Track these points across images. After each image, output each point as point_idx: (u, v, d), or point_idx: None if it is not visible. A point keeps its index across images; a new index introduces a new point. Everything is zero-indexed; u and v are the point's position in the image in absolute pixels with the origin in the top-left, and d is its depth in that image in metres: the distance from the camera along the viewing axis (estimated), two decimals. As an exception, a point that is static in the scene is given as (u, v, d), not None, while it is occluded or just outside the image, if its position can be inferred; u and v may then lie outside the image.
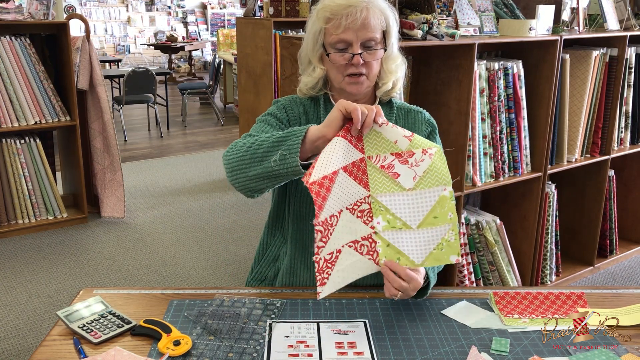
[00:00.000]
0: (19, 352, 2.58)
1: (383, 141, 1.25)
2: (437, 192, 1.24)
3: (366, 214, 1.25)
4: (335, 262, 1.24)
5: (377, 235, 1.26)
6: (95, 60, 3.97)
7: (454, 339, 1.26)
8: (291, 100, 1.55)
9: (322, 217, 1.21)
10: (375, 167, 1.25)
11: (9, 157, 3.75)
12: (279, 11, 4.73)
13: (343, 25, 1.39)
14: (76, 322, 1.26)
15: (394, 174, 1.25)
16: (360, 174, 1.25)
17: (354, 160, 1.24)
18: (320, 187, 1.19)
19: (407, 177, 1.25)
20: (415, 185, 1.24)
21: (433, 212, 1.24)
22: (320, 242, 1.22)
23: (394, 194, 1.25)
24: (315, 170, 1.19)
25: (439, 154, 1.25)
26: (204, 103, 8.92)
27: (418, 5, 2.37)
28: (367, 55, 1.42)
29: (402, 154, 1.25)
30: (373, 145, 1.25)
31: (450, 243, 1.25)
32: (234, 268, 3.44)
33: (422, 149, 1.25)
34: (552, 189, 2.91)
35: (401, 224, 1.25)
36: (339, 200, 1.23)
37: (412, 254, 1.25)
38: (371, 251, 1.26)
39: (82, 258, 3.54)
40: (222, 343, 1.22)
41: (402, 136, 1.25)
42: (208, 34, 13.13)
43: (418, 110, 1.58)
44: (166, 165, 5.62)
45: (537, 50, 2.63)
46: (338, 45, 1.41)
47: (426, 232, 1.25)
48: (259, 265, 1.65)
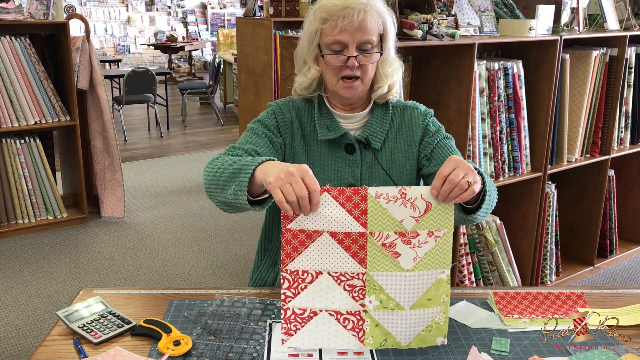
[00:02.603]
0: (19, 352, 2.58)
1: (388, 219, 1.18)
2: (435, 274, 1.20)
3: (357, 290, 1.20)
4: (308, 321, 1.20)
5: (366, 314, 1.21)
6: (95, 60, 3.97)
7: (454, 339, 1.26)
8: (283, 105, 1.53)
9: (291, 267, 1.19)
10: (376, 244, 1.19)
11: (9, 157, 3.75)
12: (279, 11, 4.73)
13: (339, 26, 1.37)
14: (76, 322, 1.26)
15: (395, 253, 1.19)
16: (356, 248, 1.19)
17: (350, 232, 1.18)
18: (293, 237, 1.18)
19: (407, 257, 1.19)
20: (414, 267, 1.19)
21: (427, 294, 1.20)
22: (288, 290, 1.20)
23: (391, 274, 1.20)
24: (296, 220, 1.17)
25: (446, 236, 1.19)
26: (204, 103, 8.92)
27: (418, 5, 2.37)
28: (362, 58, 1.40)
29: (405, 234, 1.19)
30: (377, 221, 1.18)
31: (439, 325, 1.21)
32: (234, 268, 3.44)
33: (429, 230, 1.19)
34: (552, 189, 2.91)
35: (394, 304, 1.20)
36: (317, 261, 1.19)
37: (399, 335, 1.21)
38: (357, 328, 1.21)
39: (82, 258, 3.54)
40: (222, 343, 1.22)
41: (409, 216, 1.18)
42: (208, 34, 13.12)
43: (414, 107, 1.56)
44: (166, 165, 5.62)
45: (537, 50, 2.63)
46: (333, 47, 1.40)
47: (418, 313, 1.20)
48: (258, 271, 1.65)
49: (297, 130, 1.50)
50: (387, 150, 1.51)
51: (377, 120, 1.50)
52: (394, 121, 1.53)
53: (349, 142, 1.48)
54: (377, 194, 1.17)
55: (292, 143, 1.51)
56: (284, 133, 1.50)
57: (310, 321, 1.21)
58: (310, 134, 1.51)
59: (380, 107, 1.53)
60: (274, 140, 1.48)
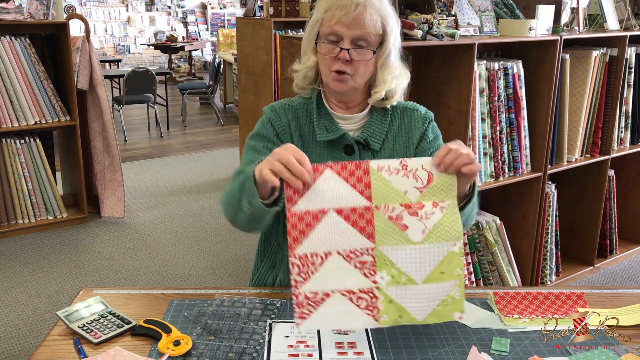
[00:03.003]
0: (19, 352, 2.58)
1: (392, 191, 1.18)
2: (446, 247, 1.17)
3: (368, 266, 1.18)
4: (321, 303, 1.18)
5: (379, 290, 1.18)
6: (95, 60, 3.98)
7: (454, 339, 1.26)
8: (279, 108, 1.53)
9: (299, 251, 1.16)
10: (382, 217, 1.17)
11: (9, 157, 3.75)
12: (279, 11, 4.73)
13: (336, 17, 1.38)
14: (76, 322, 1.26)
15: (403, 225, 1.17)
16: (363, 223, 1.17)
17: (356, 206, 1.17)
18: (299, 220, 1.16)
19: (416, 230, 1.18)
20: (423, 239, 1.17)
21: (440, 267, 1.18)
22: (298, 276, 1.16)
23: (401, 247, 1.18)
24: (301, 202, 1.15)
25: (452, 207, 1.18)
26: (204, 103, 8.92)
27: (418, 5, 2.37)
28: (354, 53, 1.39)
29: (411, 206, 1.17)
30: (381, 195, 1.17)
31: (455, 300, 1.18)
32: (234, 268, 3.44)
33: (433, 201, 1.18)
34: (552, 189, 2.91)
35: (406, 279, 1.18)
36: (326, 241, 1.17)
37: (414, 310, 1.18)
38: (371, 306, 1.18)
39: (82, 258, 3.54)
40: (222, 343, 1.22)
41: (412, 187, 1.18)
42: (208, 34, 13.13)
43: (414, 108, 1.55)
44: (166, 165, 5.62)
45: (537, 50, 2.63)
46: (329, 37, 1.41)
47: (431, 287, 1.18)
48: (258, 272, 1.65)
49: (294, 131, 1.50)
50: (386, 151, 1.50)
51: (376, 122, 1.50)
52: (394, 122, 1.52)
53: (348, 143, 1.48)
54: (379, 166, 1.18)
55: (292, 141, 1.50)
56: (283, 138, 1.50)
57: (323, 303, 1.17)
58: (309, 134, 1.50)
59: (379, 108, 1.52)
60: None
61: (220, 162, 5.76)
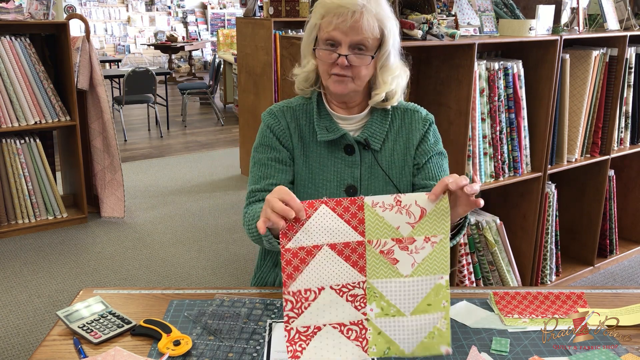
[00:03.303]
0: (19, 352, 2.58)
1: (385, 226, 1.20)
2: (433, 280, 1.21)
3: (359, 299, 1.21)
4: (313, 337, 1.19)
5: (369, 322, 1.21)
6: (95, 60, 3.98)
7: (454, 339, 1.26)
8: (277, 111, 1.53)
9: (293, 288, 1.18)
10: (374, 252, 1.21)
11: (9, 157, 3.75)
12: (279, 11, 4.73)
13: (334, 23, 1.38)
14: (76, 322, 1.26)
15: (393, 259, 1.21)
16: (356, 257, 1.20)
17: (349, 241, 1.20)
18: (294, 256, 1.18)
19: (405, 263, 1.21)
20: (412, 272, 1.21)
21: (427, 299, 1.21)
22: (291, 312, 1.18)
23: (391, 280, 1.21)
24: (295, 238, 1.18)
25: (443, 242, 1.21)
26: (204, 103, 8.92)
27: (418, 5, 2.37)
28: (353, 58, 1.39)
29: (402, 240, 1.21)
30: (374, 230, 1.20)
31: (441, 332, 1.20)
32: (234, 268, 3.44)
33: (425, 236, 1.20)
34: (552, 189, 2.91)
35: (395, 310, 1.21)
36: (320, 277, 1.19)
37: (402, 342, 1.21)
38: (360, 338, 1.21)
39: (82, 258, 3.54)
40: (222, 343, 1.22)
41: (405, 222, 1.21)
42: (208, 34, 13.13)
43: (414, 110, 1.55)
44: (166, 165, 5.62)
45: (537, 50, 2.63)
46: (327, 42, 1.41)
47: (418, 319, 1.21)
48: (260, 270, 1.66)
49: (294, 132, 1.50)
50: (386, 151, 1.50)
51: (376, 122, 1.50)
52: (394, 123, 1.52)
53: (348, 142, 1.48)
54: (373, 202, 1.20)
55: (292, 145, 1.51)
56: (285, 141, 1.50)
57: (314, 337, 1.20)
58: (309, 135, 1.51)
59: (380, 109, 1.52)
60: (282, 157, 1.49)
61: (220, 162, 5.76)
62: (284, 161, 1.50)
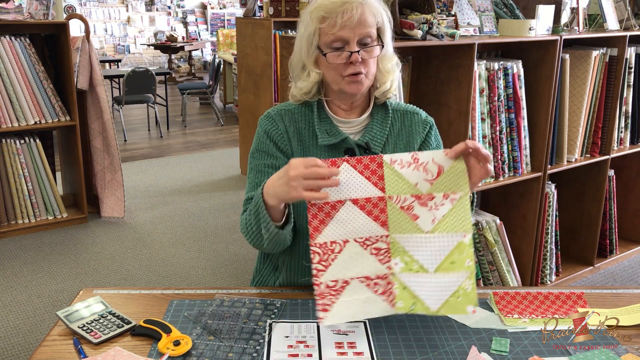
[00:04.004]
0: (19, 352, 2.58)
1: (404, 183, 1.24)
2: (455, 237, 1.21)
3: (383, 253, 1.25)
4: (342, 292, 1.23)
5: (394, 276, 1.24)
6: (95, 60, 3.98)
7: (454, 339, 1.26)
8: (275, 115, 1.50)
9: (319, 240, 1.22)
10: (395, 207, 1.24)
11: (9, 157, 3.75)
12: (279, 11, 4.73)
13: (339, 23, 1.36)
14: (76, 322, 1.26)
15: (413, 215, 1.23)
16: (377, 212, 1.24)
17: (370, 196, 1.24)
18: (319, 210, 1.23)
19: (426, 219, 1.23)
20: (433, 229, 1.22)
21: (450, 257, 1.21)
22: (319, 264, 1.22)
23: (413, 236, 1.23)
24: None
25: (462, 199, 1.22)
26: (203, 103, 8.92)
27: (418, 5, 2.37)
28: (364, 52, 1.39)
29: (421, 197, 1.23)
30: (394, 186, 1.24)
31: (467, 292, 1.20)
32: (234, 268, 3.44)
33: (444, 193, 1.23)
34: (552, 189, 2.91)
35: (418, 266, 1.23)
36: (344, 229, 1.23)
37: (428, 299, 1.22)
38: (387, 292, 1.24)
39: (82, 258, 3.54)
40: (222, 343, 1.22)
41: (423, 179, 1.23)
42: (208, 34, 13.12)
43: (414, 112, 1.55)
44: (166, 165, 5.62)
45: (537, 50, 2.63)
46: (335, 44, 1.38)
47: (443, 277, 1.21)
48: (259, 274, 1.65)
49: (293, 136, 1.48)
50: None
51: (377, 125, 1.49)
52: (394, 126, 1.51)
53: (349, 146, 1.47)
54: (391, 160, 1.24)
55: (291, 149, 1.48)
56: (283, 146, 1.48)
57: (343, 292, 1.23)
58: (308, 138, 1.49)
59: (380, 111, 1.50)
60: (279, 164, 1.46)
61: (220, 162, 5.76)
62: (280, 168, 1.45)
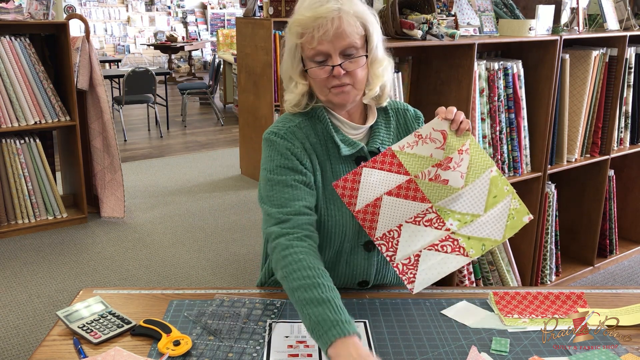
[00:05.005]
0: (19, 352, 2.58)
1: (420, 159, 1.35)
2: (486, 177, 1.36)
3: (435, 221, 1.37)
4: (417, 263, 1.36)
5: (455, 234, 1.36)
6: (95, 60, 3.97)
7: (454, 339, 1.26)
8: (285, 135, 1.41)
9: (378, 234, 1.36)
10: (424, 182, 1.35)
11: (9, 157, 3.75)
12: (279, 11, 4.73)
13: (316, 38, 1.31)
14: (76, 322, 1.26)
15: (443, 181, 1.35)
16: (412, 193, 1.36)
17: (400, 183, 1.35)
18: (365, 214, 1.35)
19: (455, 179, 1.35)
20: (465, 182, 1.35)
21: (491, 193, 1.36)
22: (388, 252, 1.36)
23: (452, 197, 1.36)
24: (358, 201, 1.34)
25: (472, 145, 1.36)
26: (203, 103, 8.92)
27: (418, 5, 2.37)
28: (348, 64, 1.33)
29: (442, 163, 1.35)
30: (414, 166, 1.35)
31: (517, 209, 1.36)
32: (234, 268, 3.44)
33: (458, 149, 1.35)
34: (552, 189, 2.91)
35: (470, 217, 1.36)
36: (393, 218, 1.35)
37: (492, 234, 1.36)
38: (456, 248, 1.36)
39: (82, 258, 3.54)
40: (222, 343, 1.22)
41: (434, 149, 1.35)
42: (208, 34, 13.12)
43: (405, 108, 1.54)
44: (166, 165, 5.62)
45: (537, 50, 2.62)
46: (316, 58, 1.34)
47: (494, 211, 1.36)
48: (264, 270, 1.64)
49: (311, 151, 1.42)
50: None
51: (382, 128, 1.47)
52: (394, 125, 1.51)
53: (362, 155, 1.43)
54: (400, 147, 1.36)
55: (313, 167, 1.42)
56: (306, 163, 1.40)
57: (419, 263, 1.36)
58: (325, 150, 1.43)
59: (381, 114, 1.49)
60: (308, 180, 1.39)
61: (220, 162, 5.76)
62: (310, 185, 1.40)
